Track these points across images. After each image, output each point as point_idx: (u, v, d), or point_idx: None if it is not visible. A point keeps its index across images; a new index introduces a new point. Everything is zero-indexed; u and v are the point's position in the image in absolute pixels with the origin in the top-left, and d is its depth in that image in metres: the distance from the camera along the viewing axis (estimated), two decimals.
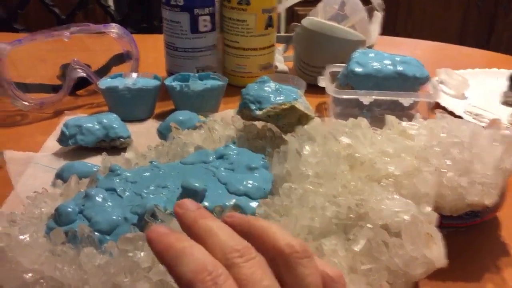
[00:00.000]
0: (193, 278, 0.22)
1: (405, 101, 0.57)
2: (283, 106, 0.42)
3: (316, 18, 0.71)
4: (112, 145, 0.52)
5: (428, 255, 0.32)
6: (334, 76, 0.63)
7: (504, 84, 0.70)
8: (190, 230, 0.25)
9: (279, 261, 0.24)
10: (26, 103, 0.60)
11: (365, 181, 0.37)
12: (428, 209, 0.34)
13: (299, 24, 0.72)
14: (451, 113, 0.63)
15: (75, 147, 0.52)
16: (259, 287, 0.22)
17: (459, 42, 1.00)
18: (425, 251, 0.32)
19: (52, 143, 0.53)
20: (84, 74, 0.63)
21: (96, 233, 0.34)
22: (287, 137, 0.43)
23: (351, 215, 0.35)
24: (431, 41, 0.97)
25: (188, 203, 0.26)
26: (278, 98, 0.43)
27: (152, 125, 0.60)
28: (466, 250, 0.40)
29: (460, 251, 0.34)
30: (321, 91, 0.63)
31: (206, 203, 0.36)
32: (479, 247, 0.41)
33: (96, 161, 0.49)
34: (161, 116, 0.61)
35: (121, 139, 0.52)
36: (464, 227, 0.41)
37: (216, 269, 0.22)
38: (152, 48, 0.78)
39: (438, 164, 0.37)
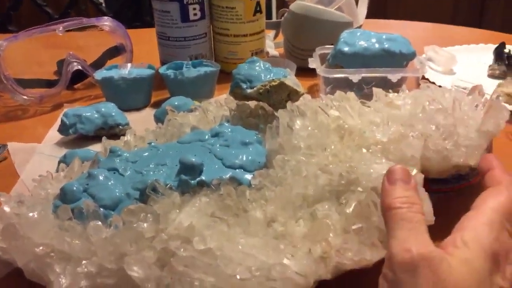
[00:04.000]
0: None
1: (393, 77, 0.59)
2: (273, 83, 0.44)
3: (303, 2, 0.72)
4: (111, 132, 0.54)
5: None
6: (323, 57, 0.65)
7: (491, 58, 0.72)
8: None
9: None
10: (26, 98, 0.61)
11: (355, 149, 0.39)
12: (415, 171, 0.36)
13: (287, 9, 0.74)
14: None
15: (75, 136, 0.54)
16: None
17: (452, 23, 1.02)
18: None
19: (53, 134, 0.55)
20: (80, 67, 0.64)
21: (101, 209, 0.36)
22: (279, 112, 0.44)
23: (343, 181, 0.36)
24: (421, 22, 0.98)
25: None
26: (268, 76, 0.45)
27: (149, 113, 0.61)
28: (456, 213, 0.42)
29: (450, 215, 0.36)
30: (312, 73, 0.65)
31: (203, 177, 0.38)
32: (467, 210, 0.43)
33: (97, 148, 0.51)
34: (158, 105, 0.63)
35: (120, 126, 0.54)
36: (453, 191, 0.43)
37: None
38: (145, 41, 0.79)
39: (423, 129, 0.39)
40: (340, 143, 0.40)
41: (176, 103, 0.54)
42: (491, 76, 0.70)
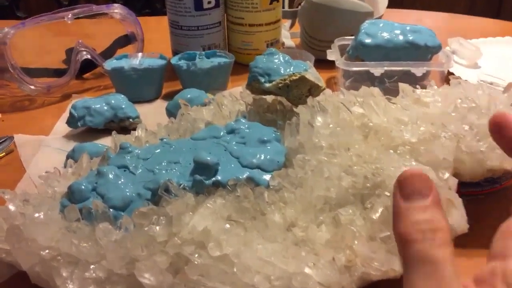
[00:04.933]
0: None
1: (417, 71, 0.56)
2: (293, 77, 0.41)
3: None
4: (121, 125, 0.52)
5: (449, 221, 0.31)
6: (343, 49, 0.62)
7: None
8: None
9: None
10: (33, 88, 0.59)
11: (381, 150, 0.36)
12: (447, 175, 0.34)
13: None
14: None
15: (84, 129, 0.52)
16: None
17: (469, 14, 0.98)
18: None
19: (61, 126, 0.53)
20: (89, 56, 0.62)
21: (110, 210, 0.34)
22: (299, 108, 0.42)
23: (368, 184, 0.34)
24: (440, 12, 0.95)
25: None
26: (287, 69, 0.42)
27: (160, 105, 0.59)
28: (486, 217, 0.40)
29: (480, 219, 0.34)
30: (330, 65, 0.62)
31: (219, 177, 0.35)
32: (499, 214, 0.40)
33: (106, 142, 0.49)
34: (169, 97, 0.60)
35: (130, 119, 0.52)
36: (483, 194, 0.40)
37: None
38: (155, 30, 0.77)
39: (455, 129, 0.36)
40: (364, 142, 0.38)
41: (188, 96, 0.52)
42: None
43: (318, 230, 0.32)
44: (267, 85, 0.42)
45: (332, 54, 0.60)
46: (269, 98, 0.46)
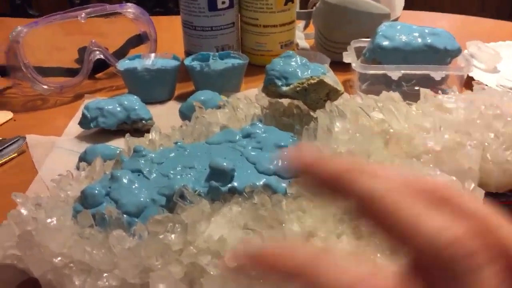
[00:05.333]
0: None
1: (436, 75, 0.54)
2: (311, 81, 0.40)
3: None
4: (134, 127, 0.51)
5: None
6: (359, 51, 0.61)
7: None
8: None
9: None
10: (46, 87, 0.59)
11: (403, 158, 0.35)
12: (473, 185, 0.32)
13: None
14: None
15: (97, 130, 0.51)
16: None
17: (481, 15, 0.96)
18: None
19: (74, 127, 0.53)
20: (102, 56, 0.62)
21: (124, 216, 0.33)
22: (317, 113, 0.41)
23: None
24: (456, 14, 0.93)
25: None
26: (305, 73, 0.41)
27: (173, 106, 0.58)
28: None
29: None
30: (345, 68, 0.61)
31: (235, 183, 0.34)
32: None
33: (118, 144, 0.48)
34: (182, 98, 0.60)
35: (143, 121, 0.51)
36: (508, 205, 0.39)
37: None
38: (167, 29, 0.76)
39: (481, 137, 0.35)
40: (385, 149, 0.37)
41: (202, 98, 0.51)
42: None
43: (339, 241, 0.31)
44: (284, 88, 0.41)
45: (348, 57, 0.58)
46: (285, 101, 0.45)
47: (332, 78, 0.41)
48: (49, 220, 0.31)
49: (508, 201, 0.38)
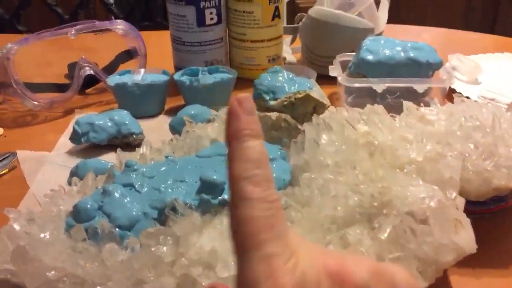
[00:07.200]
0: None
1: (419, 87, 0.56)
2: (298, 95, 0.42)
3: (323, 7, 0.70)
4: (125, 141, 0.52)
5: (457, 241, 0.31)
6: (344, 65, 0.62)
7: None
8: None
9: None
10: (36, 103, 0.59)
11: (387, 168, 0.36)
12: (454, 194, 0.34)
13: (305, 14, 0.71)
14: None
15: (88, 145, 0.52)
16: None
17: (464, 29, 0.99)
18: (454, 237, 0.31)
19: (64, 142, 0.53)
20: (92, 72, 0.62)
21: (116, 229, 0.34)
22: (304, 126, 0.42)
23: (375, 203, 0.34)
24: (439, 27, 0.96)
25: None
26: (292, 87, 0.43)
27: (163, 120, 0.59)
28: (493, 236, 0.40)
29: (487, 238, 0.34)
30: (331, 81, 0.62)
31: (226, 196, 0.35)
32: (506, 232, 0.41)
33: (109, 158, 0.49)
34: (172, 112, 0.61)
35: (134, 135, 0.52)
36: (489, 213, 0.40)
37: None
38: (156, 44, 0.77)
39: (461, 148, 0.36)
40: (370, 160, 0.38)
41: (192, 112, 0.52)
42: None
43: None
44: (272, 102, 0.42)
45: (334, 70, 0.60)
46: (273, 115, 0.46)
47: (318, 92, 0.43)
48: (42, 235, 0.32)
49: (488, 209, 0.40)
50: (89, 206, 0.34)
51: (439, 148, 0.36)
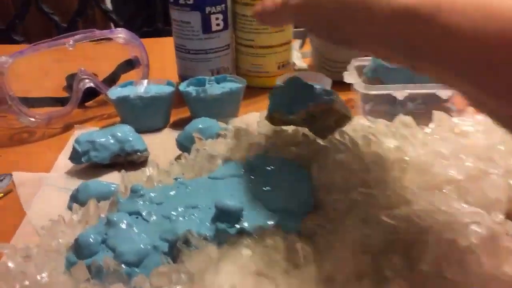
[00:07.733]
0: None
1: (443, 93, 0.52)
2: (320, 108, 0.38)
3: None
4: (129, 159, 0.48)
5: (510, 272, 0.28)
6: (360, 70, 0.59)
7: None
8: None
9: None
10: (33, 119, 0.56)
11: (423, 188, 0.33)
12: (502, 217, 0.30)
13: None
14: None
15: (89, 164, 0.48)
16: None
17: None
18: (506, 268, 0.28)
19: (63, 161, 0.49)
20: (92, 85, 0.59)
21: (123, 266, 0.30)
22: (326, 142, 0.38)
23: (412, 229, 0.30)
24: None
25: None
26: (312, 98, 0.39)
27: (168, 134, 0.55)
28: None
29: None
30: (346, 87, 0.58)
31: (244, 224, 0.32)
32: None
33: (113, 178, 0.45)
34: (178, 125, 0.57)
35: (138, 153, 0.48)
36: None
37: None
38: (158, 53, 0.74)
39: (506, 165, 0.32)
40: (402, 179, 0.34)
41: (200, 126, 0.48)
42: None
43: (360, 286, 0.29)
44: (291, 116, 0.38)
45: (349, 77, 0.56)
46: (290, 128, 0.43)
47: (341, 104, 0.39)
48: (39, 277, 0.28)
49: None
50: (91, 240, 0.31)
51: (481, 164, 0.32)
